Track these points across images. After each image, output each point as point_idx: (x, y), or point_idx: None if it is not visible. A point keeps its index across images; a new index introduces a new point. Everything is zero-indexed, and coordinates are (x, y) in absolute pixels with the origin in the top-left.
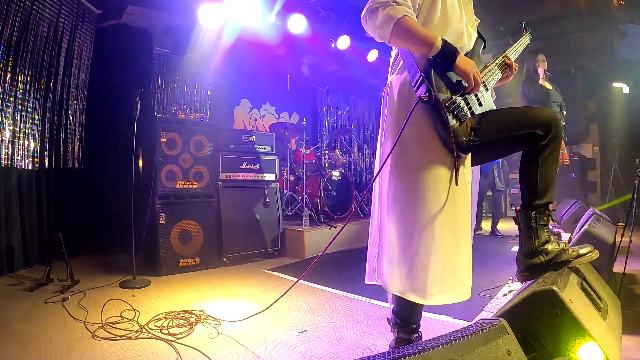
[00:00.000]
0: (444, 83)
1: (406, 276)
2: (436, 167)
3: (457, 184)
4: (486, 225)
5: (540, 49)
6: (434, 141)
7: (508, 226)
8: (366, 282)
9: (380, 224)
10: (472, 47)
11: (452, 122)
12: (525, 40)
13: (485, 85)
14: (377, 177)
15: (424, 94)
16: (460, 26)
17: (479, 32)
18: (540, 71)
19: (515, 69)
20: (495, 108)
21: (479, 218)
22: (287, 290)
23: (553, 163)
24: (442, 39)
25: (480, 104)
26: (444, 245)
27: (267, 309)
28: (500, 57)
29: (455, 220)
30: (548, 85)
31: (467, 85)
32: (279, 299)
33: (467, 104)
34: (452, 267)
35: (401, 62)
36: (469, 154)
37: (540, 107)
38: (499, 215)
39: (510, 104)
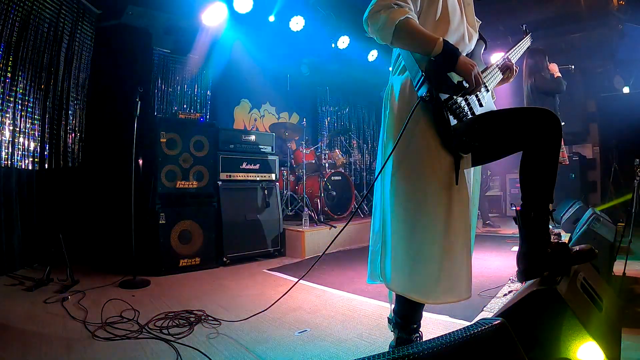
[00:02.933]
0: (445, 83)
1: (408, 276)
2: (437, 167)
3: (457, 184)
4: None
5: (544, 48)
6: (435, 141)
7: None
8: (368, 281)
9: (382, 224)
10: (472, 47)
11: (453, 122)
12: (525, 42)
13: (486, 86)
14: (379, 177)
15: (426, 94)
16: (461, 27)
17: (480, 34)
18: (554, 66)
19: (516, 71)
20: (495, 109)
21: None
22: (288, 291)
23: (553, 163)
24: (443, 39)
25: (480, 105)
26: (445, 245)
27: (267, 309)
28: (501, 59)
29: (456, 220)
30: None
31: (467, 85)
32: (279, 299)
33: (468, 104)
34: (453, 266)
35: (402, 63)
36: (470, 154)
37: (539, 106)
38: None
39: (511, 104)
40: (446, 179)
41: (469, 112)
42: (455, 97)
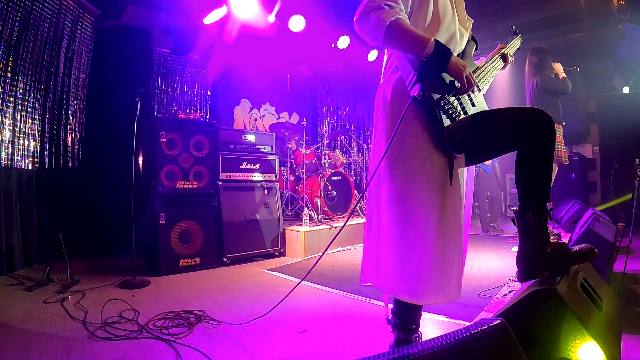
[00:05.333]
0: (437, 83)
1: (399, 277)
2: (430, 168)
3: (451, 183)
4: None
5: (547, 47)
6: (428, 141)
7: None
8: (361, 283)
9: (375, 226)
10: (464, 46)
11: (446, 121)
12: (516, 43)
13: (478, 86)
14: (372, 179)
15: (418, 94)
16: (453, 26)
17: (471, 34)
18: (559, 66)
19: (511, 62)
20: (487, 109)
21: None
22: (289, 292)
23: (548, 162)
24: (435, 39)
25: (473, 105)
26: (435, 245)
27: (268, 313)
28: (500, 50)
29: (447, 221)
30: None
31: (459, 85)
32: (280, 302)
33: (461, 104)
34: (444, 267)
35: (394, 64)
36: (463, 154)
37: (532, 107)
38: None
39: (512, 104)
40: (439, 179)
41: (461, 112)
42: (447, 96)
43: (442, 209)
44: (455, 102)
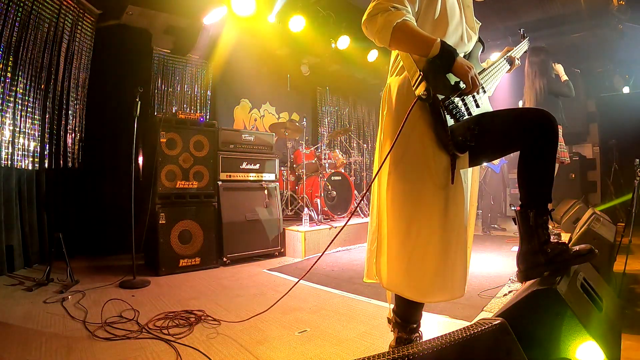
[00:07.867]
0: (443, 83)
1: (403, 274)
2: (433, 167)
3: (453, 182)
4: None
5: (546, 47)
6: (432, 141)
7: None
8: (364, 280)
9: (378, 224)
10: (471, 49)
11: (450, 121)
12: (523, 46)
13: (483, 88)
14: (376, 177)
15: (423, 93)
16: (460, 28)
17: (479, 36)
18: (560, 68)
19: (517, 65)
20: (492, 110)
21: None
22: (288, 292)
23: (550, 162)
24: (441, 40)
25: (477, 106)
26: (439, 244)
27: (267, 310)
28: (506, 53)
29: (451, 220)
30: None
31: (464, 86)
32: (279, 300)
33: (465, 104)
34: (448, 265)
35: (401, 64)
36: (467, 154)
37: (535, 107)
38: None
39: (511, 104)
40: (442, 179)
41: (465, 112)
42: (452, 97)
43: (446, 208)
44: (460, 103)
